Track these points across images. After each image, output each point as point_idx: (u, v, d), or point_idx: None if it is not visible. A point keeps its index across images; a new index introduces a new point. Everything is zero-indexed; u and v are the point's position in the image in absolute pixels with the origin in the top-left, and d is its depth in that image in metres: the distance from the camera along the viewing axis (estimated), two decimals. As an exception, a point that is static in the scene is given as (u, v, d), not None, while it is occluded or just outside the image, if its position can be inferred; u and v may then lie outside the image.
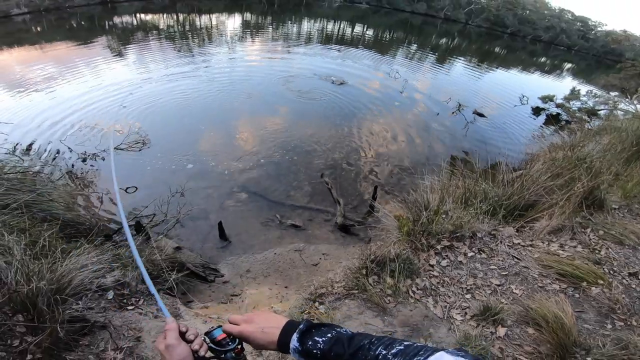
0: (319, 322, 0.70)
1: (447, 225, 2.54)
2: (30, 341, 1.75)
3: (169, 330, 0.73)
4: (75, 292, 2.23)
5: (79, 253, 2.44)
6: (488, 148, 7.34)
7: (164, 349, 0.71)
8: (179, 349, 0.70)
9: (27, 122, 6.27)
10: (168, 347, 0.70)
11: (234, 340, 0.76)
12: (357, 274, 2.17)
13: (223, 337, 0.76)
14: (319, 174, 5.59)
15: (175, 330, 0.74)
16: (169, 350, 0.70)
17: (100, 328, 2.10)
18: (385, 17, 28.69)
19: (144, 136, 6.21)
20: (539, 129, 9.35)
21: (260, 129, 7.01)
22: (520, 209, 3.36)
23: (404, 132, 7.51)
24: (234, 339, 0.76)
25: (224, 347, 0.75)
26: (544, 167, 3.96)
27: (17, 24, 13.93)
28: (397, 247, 2.33)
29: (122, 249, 3.21)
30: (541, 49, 29.67)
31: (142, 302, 2.55)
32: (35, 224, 2.91)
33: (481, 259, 2.51)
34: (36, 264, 2.10)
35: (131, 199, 4.75)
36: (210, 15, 20.78)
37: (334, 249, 4.15)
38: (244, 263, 4.01)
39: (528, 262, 2.53)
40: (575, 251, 2.67)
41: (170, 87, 8.63)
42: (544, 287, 2.35)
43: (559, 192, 3.26)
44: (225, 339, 0.76)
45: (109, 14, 17.75)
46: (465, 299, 2.18)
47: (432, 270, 2.32)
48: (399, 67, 12.73)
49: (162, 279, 3.14)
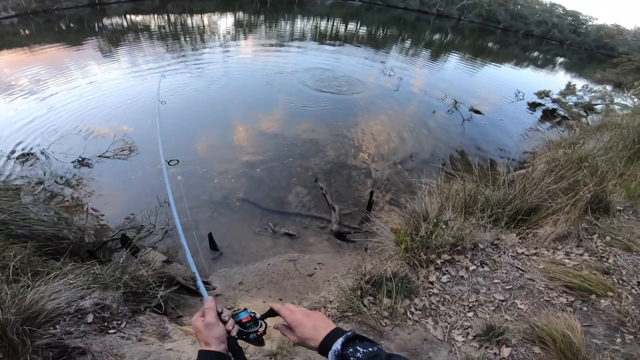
0: (362, 336, 0.72)
1: (447, 237, 2.39)
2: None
3: (209, 309, 0.80)
4: (50, 317, 2.08)
5: (52, 277, 2.27)
6: (486, 146, 7.22)
7: (203, 326, 0.76)
8: (218, 329, 0.76)
9: (9, 127, 6.05)
10: (208, 325, 0.76)
11: (256, 323, 0.83)
12: (351, 295, 2.01)
13: (248, 319, 0.83)
14: (313, 178, 5.41)
15: (214, 309, 0.80)
16: (208, 328, 0.76)
17: (80, 354, 1.97)
18: (379, 13, 28.52)
19: (130, 143, 6.00)
20: (536, 124, 9.24)
21: (251, 133, 6.82)
22: (522, 214, 3.22)
23: (400, 132, 7.36)
24: (256, 322, 0.84)
25: (247, 330, 0.82)
26: (545, 168, 3.82)
27: (4, 27, 13.62)
28: (394, 265, 2.17)
29: (104, 267, 3.04)
30: (533, 43, 29.70)
31: (124, 325, 2.39)
32: (9, 244, 2.72)
33: (484, 272, 2.35)
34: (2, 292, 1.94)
35: (116, 209, 4.56)
36: (202, 15, 20.48)
37: (330, 258, 3.99)
38: (237, 275, 3.84)
39: (533, 273, 2.38)
40: (582, 260, 2.53)
41: (160, 90, 8.40)
42: (550, 300, 2.20)
43: (563, 196, 3.12)
44: (250, 321, 0.83)
45: (98, 15, 17.42)
46: (467, 318, 2.03)
47: (432, 287, 2.16)
48: (393, 64, 12.58)
49: (149, 296, 2.99)
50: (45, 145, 5.62)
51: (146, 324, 2.68)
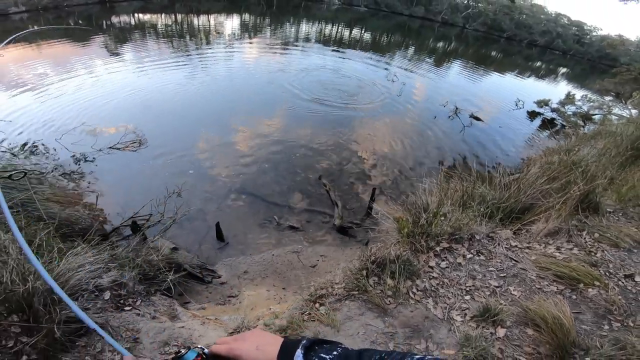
0: (320, 339, 0.66)
1: (446, 227, 2.55)
2: (25, 342, 1.73)
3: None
4: (72, 292, 2.21)
5: (76, 253, 2.42)
6: (484, 151, 7.40)
7: None
8: None
9: (23, 120, 6.22)
10: None
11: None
12: (358, 275, 2.17)
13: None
14: (317, 175, 5.59)
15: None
16: None
17: None
18: (383, 20, 28.86)
19: (140, 136, 6.18)
20: (534, 133, 9.45)
21: (258, 130, 7.01)
22: (517, 212, 3.39)
23: (402, 136, 7.55)
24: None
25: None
26: (540, 171, 3.99)
27: (14, 22, 13.84)
28: (397, 249, 2.34)
29: (119, 249, 3.20)
30: (537, 53, 30.02)
31: (139, 303, 2.53)
32: (31, 222, 2.88)
33: (480, 260, 2.52)
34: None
35: (126, 198, 4.72)
36: (209, 15, 20.77)
37: (332, 251, 4.15)
38: (242, 264, 4.00)
39: (526, 264, 2.55)
40: (571, 253, 2.70)
41: (168, 87, 8.62)
42: (541, 288, 2.36)
43: (555, 195, 3.29)
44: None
45: (107, 13, 17.69)
46: (465, 300, 2.19)
47: (432, 271, 2.33)
48: (397, 70, 12.81)
49: (159, 280, 3.13)
50: (57, 137, 5.78)
51: (158, 304, 2.82)
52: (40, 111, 6.64)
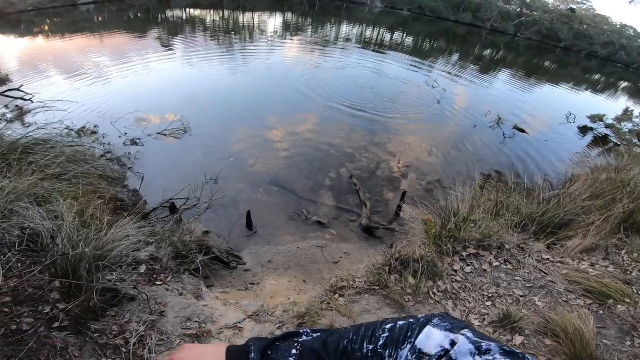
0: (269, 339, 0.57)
1: (474, 234, 2.50)
2: (61, 308, 1.81)
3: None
4: (114, 262, 2.38)
5: (122, 225, 2.63)
6: (526, 166, 7.04)
7: None
8: None
9: (85, 104, 6.82)
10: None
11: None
12: (380, 270, 2.20)
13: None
14: (349, 175, 5.62)
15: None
16: None
17: (129, 300, 2.19)
18: (427, 25, 28.17)
19: (185, 124, 6.55)
20: (584, 149, 8.81)
21: (294, 127, 7.17)
22: (554, 227, 3.24)
23: (438, 143, 7.37)
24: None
25: None
26: (584, 187, 3.76)
27: (82, 13, 15.14)
28: (423, 249, 2.33)
29: (158, 227, 3.43)
30: (596, 65, 27.86)
31: (170, 279, 2.70)
32: (85, 194, 3.18)
33: (506, 269, 2.45)
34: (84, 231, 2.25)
35: (168, 181, 5.02)
36: (254, 13, 21.45)
37: (356, 250, 4.18)
38: (267, 254, 4.13)
39: (555, 277, 2.46)
40: (606, 271, 2.57)
41: (212, 79, 9.07)
42: (568, 301, 2.29)
43: (597, 212, 3.11)
44: None
45: (163, 7, 18.83)
46: (486, 306, 2.16)
47: (455, 275, 2.30)
48: (437, 76, 12.49)
49: (190, 260, 3.31)
50: (112, 121, 6.26)
51: (186, 283, 2.97)
52: (98, 96, 7.24)
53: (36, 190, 2.55)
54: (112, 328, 2.00)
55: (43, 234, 2.19)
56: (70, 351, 1.73)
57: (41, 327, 1.74)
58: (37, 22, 13.15)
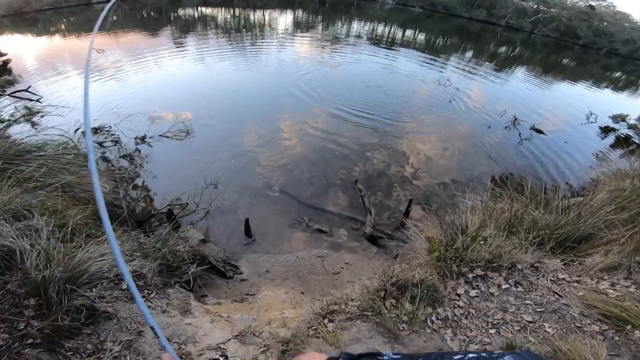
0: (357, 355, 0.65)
1: (483, 253, 2.25)
2: (35, 326, 1.77)
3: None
4: (91, 279, 2.23)
5: (103, 240, 2.47)
6: (543, 169, 6.67)
7: None
8: None
9: (93, 104, 6.76)
10: None
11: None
12: (374, 296, 1.98)
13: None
14: (353, 179, 5.38)
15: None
16: None
17: (106, 318, 2.09)
18: (440, 22, 27.54)
19: (189, 126, 6.43)
20: (605, 151, 8.32)
21: (299, 128, 6.97)
22: (572, 241, 2.94)
23: (449, 144, 7.05)
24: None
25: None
26: (607, 197, 3.44)
27: (96, 11, 15.30)
28: (423, 272, 2.09)
29: (147, 238, 3.28)
30: (617, 63, 26.69)
31: (153, 295, 2.55)
32: (71, 205, 3.04)
33: (516, 292, 2.20)
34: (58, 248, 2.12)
35: (167, 185, 4.89)
36: (264, 11, 21.35)
37: (358, 260, 3.95)
38: (265, 263, 3.95)
39: (570, 299, 2.20)
40: (627, 292, 2.29)
41: (220, 77, 8.99)
42: (582, 327, 2.04)
43: (621, 227, 2.80)
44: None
45: (175, 5, 18.92)
46: (489, 334, 1.92)
47: (458, 299, 2.07)
48: (450, 74, 12.08)
49: (181, 271, 3.15)
50: (115, 122, 6.19)
51: (173, 297, 2.81)
52: (102, 97, 7.20)
53: (14, 205, 2.42)
54: (87, 347, 1.92)
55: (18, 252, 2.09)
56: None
57: (15, 343, 1.72)
58: (54, 20, 13.35)
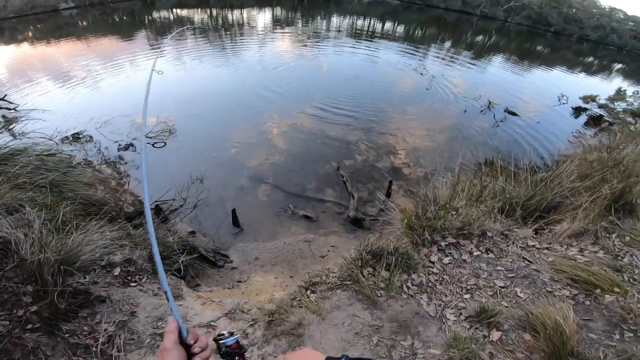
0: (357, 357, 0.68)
1: (455, 222, 2.42)
2: (33, 311, 1.84)
3: (167, 333, 0.71)
4: (84, 265, 2.34)
5: (88, 229, 2.56)
6: (518, 148, 6.97)
7: (159, 352, 0.71)
8: (171, 354, 0.68)
9: (67, 110, 6.71)
10: (161, 351, 0.69)
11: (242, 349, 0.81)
12: (352, 265, 2.12)
13: (235, 346, 0.80)
14: (336, 166, 5.55)
15: (173, 332, 0.71)
16: (162, 354, 0.69)
17: (101, 302, 2.20)
18: (417, 13, 27.91)
19: (170, 125, 6.45)
20: (577, 130, 8.73)
21: (283, 121, 7.07)
22: (542, 211, 3.15)
23: (427, 130, 7.29)
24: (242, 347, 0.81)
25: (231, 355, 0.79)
26: (574, 169, 3.68)
27: (64, 18, 14.91)
28: (397, 240, 2.25)
29: (136, 230, 3.36)
30: (588, 48, 27.59)
31: (144, 280, 2.64)
32: (60, 201, 3.10)
33: (488, 258, 2.37)
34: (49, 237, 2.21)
35: (154, 184, 4.93)
36: (242, 10, 21.18)
37: (344, 242, 4.11)
38: (254, 251, 4.07)
39: (540, 265, 2.36)
40: (595, 257, 2.46)
41: (201, 80, 8.96)
42: (552, 292, 2.18)
43: (585, 194, 3.02)
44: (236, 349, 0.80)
45: (148, 9, 18.56)
46: (463, 299, 2.07)
47: (432, 266, 2.22)
48: (427, 64, 12.37)
49: (172, 261, 3.25)
50: (96, 126, 6.16)
51: (164, 283, 2.92)
52: (78, 103, 7.12)
53: (5, 200, 2.50)
54: (83, 328, 2.02)
55: (12, 242, 2.19)
56: (42, 350, 1.82)
57: (15, 329, 1.82)
58: (20, 28, 12.97)
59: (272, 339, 2.01)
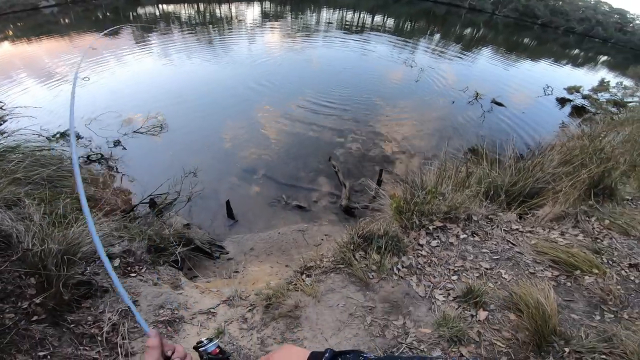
0: (342, 350, 0.67)
1: (442, 207, 2.54)
2: (38, 302, 1.89)
3: (151, 349, 0.66)
4: (85, 257, 2.39)
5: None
6: (504, 137, 7.15)
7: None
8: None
9: (55, 107, 6.62)
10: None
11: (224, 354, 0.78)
12: (344, 249, 2.22)
13: (216, 352, 0.77)
14: (328, 157, 5.65)
15: (156, 348, 0.66)
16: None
17: (103, 292, 2.25)
18: (407, 6, 27.98)
19: (162, 121, 6.44)
20: (561, 120, 8.98)
21: (275, 112, 7.12)
22: (525, 196, 3.30)
23: (416, 121, 7.43)
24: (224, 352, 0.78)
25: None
26: (555, 154, 3.84)
27: (45, 16, 14.55)
28: (386, 224, 2.36)
29: (133, 222, 3.42)
30: (574, 41, 28.09)
31: (144, 270, 2.71)
32: (56, 196, 3.13)
33: (474, 241, 2.49)
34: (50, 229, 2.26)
35: (149, 178, 4.96)
36: (230, 4, 20.93)
37: (337, 231, 4.21)
38: (249, 241, 4.15)
39: (523, 247, 2.49)
40: (575, 240, 2.59)
41: (191, 74, 8.91)
42: (535, 273, 2.29)
43: (565, 179, 3.17)
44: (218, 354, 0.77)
45: (133, 5, 18.21)
46: (451, 281, 2.18)
47: (421, 249, 2.33)
48: (416, 56, 12.49)
49: (169, 252, 3.31)
50: (86, 123, 6.11)
51: (163, 274, 2.98)
52: (62, 101, 7.00)
53: (4, 195, 2.53)
54: (87, 318, 2.07)
55: (14, 235, 2.23)
56: (49, 341, 1.85)
57: (21, 321, 1.86)
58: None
59: (270, 322, 2.11)
